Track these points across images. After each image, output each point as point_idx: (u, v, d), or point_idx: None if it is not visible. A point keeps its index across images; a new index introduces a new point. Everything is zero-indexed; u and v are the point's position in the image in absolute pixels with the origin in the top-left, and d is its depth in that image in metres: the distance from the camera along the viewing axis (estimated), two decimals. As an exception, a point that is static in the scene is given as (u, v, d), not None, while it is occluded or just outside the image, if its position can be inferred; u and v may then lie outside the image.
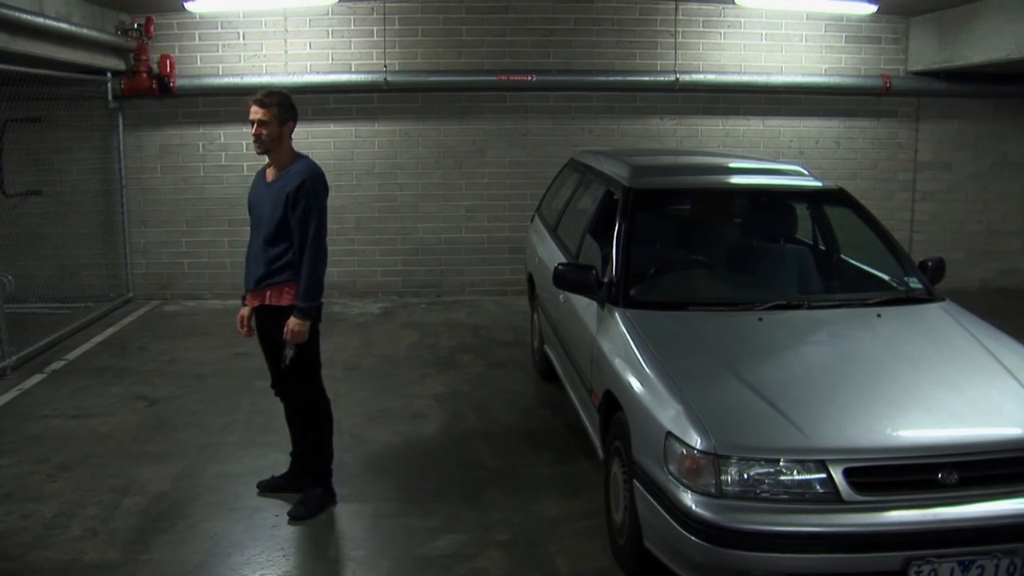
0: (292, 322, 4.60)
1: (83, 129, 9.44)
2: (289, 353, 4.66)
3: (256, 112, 4.60)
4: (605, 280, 4.87)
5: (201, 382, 7.12)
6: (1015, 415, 3.75)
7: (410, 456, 5.67)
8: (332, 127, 9.85)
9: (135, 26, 9.27)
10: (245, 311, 4.87)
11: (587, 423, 5.13)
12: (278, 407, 6.36)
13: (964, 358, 4.26)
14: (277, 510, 4.85)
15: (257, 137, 4.63)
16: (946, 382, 4.02)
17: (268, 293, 4.71)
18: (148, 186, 9.87)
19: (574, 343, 5.36)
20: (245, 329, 4.90)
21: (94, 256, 9.80)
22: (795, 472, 3.47)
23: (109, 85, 9.27)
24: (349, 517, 4.84)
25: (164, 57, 9.44)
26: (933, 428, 3.71)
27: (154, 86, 9.43)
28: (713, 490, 3.47)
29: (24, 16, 7.00)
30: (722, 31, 10.02)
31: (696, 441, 3.53)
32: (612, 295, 4.75)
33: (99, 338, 8.43)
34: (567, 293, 5.27)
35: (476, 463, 5.57)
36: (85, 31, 8.19)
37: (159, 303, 9.88)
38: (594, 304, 4.93)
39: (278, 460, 5.42)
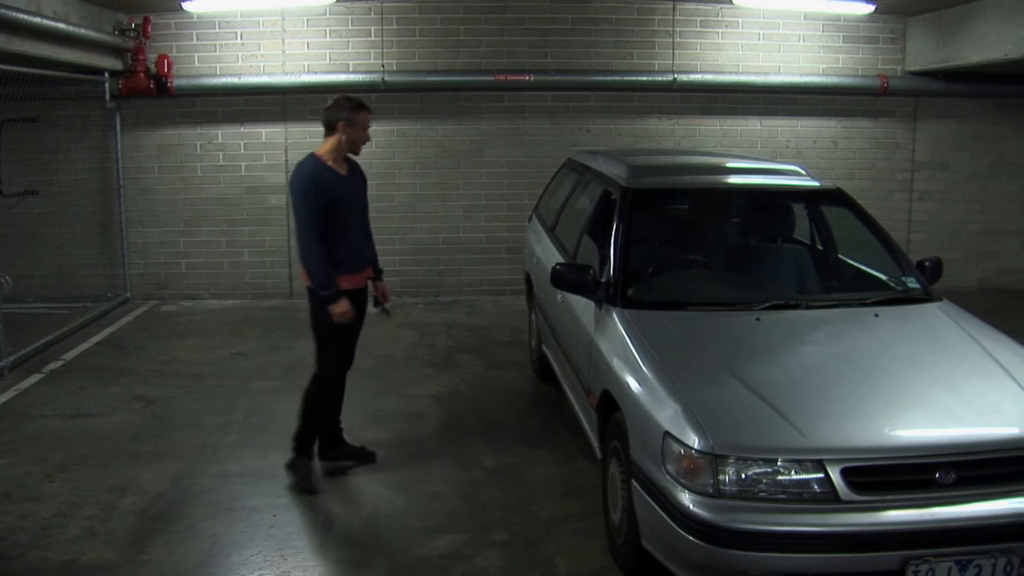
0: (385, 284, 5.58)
1: (80, 129, 9.43)
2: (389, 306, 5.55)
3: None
4: (603, 280, 4.87)
5: (199, 382, 7.11)
6: (1012, 415, 3.76)
7: (408, 456, 5.66)
8: (330, 127, 9.84)
9: (132, 26, 9.27)
10: (347, 302, 5.10)
11: (585, 423, 5.13)
12: (276, 407, 6.40)
13: (962, 358, 4.26)
14: (275, 510, 4.85)
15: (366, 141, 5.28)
16: (944, 382, 4.03)
17: (369, 270, 5.41)
18: (146, 186, 9.86)
19: (572, 343, 5.37)
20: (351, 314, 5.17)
21: (92, 256, 9.79)
22: (793, 472, 3.47)
23: (107, 85, 9.27)
24: (347, 516, 4.85)
25: (162, 57, 9.43)
26: (930, 428, 3.71)
27: (152, 86, 9.43)
28: (711, 490, 3.47)
29: (22, 16, 7.00)
30: (720, 31, 10.02)
31: (694, 441, 3.53)
32: (610, 295, 4.76)
33: (97, 338, 8.42)
34: (565, 293, 5.27)
35: (474, 463, 5.57)
36: (82, 31, 8.19)
37: (157, 303, 9.87)
38: (592, 304, 4.92)
39: (276, 461, 5.42)
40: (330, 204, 5.02)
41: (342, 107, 5.14)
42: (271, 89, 9.65)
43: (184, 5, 8.97)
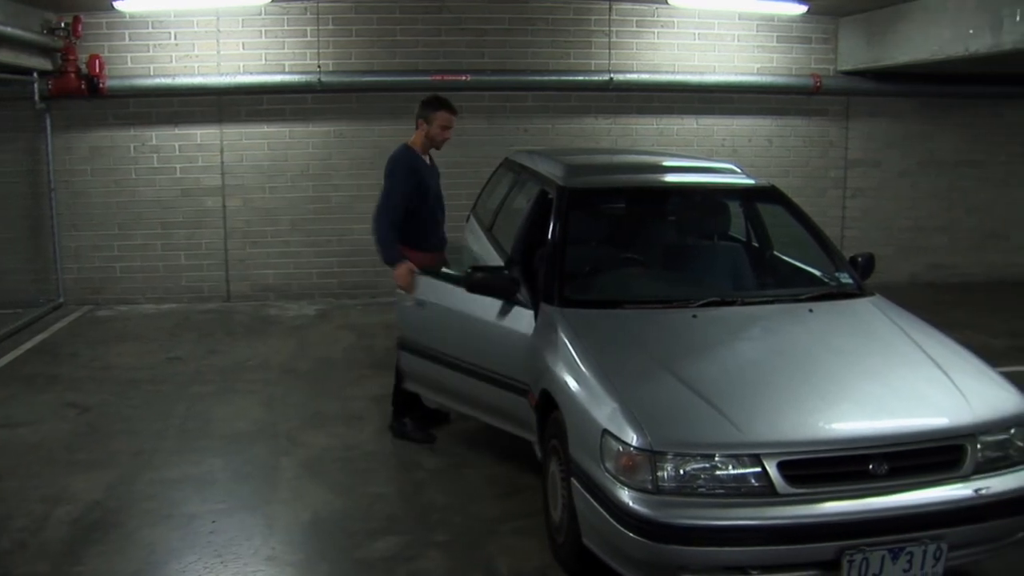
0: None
1: (9, 131, 9.23)
2: None
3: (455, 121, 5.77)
4: (540, 279, 4.87)
5: (134, 388, 6.99)
6: (941, 405, 3.85)
7: (348, 458, 5.63)
8: (265, 128, 9.76)
9: (62, 25, 9.08)
10: (410, 266, 5.58)
11: (510, 425, 5.13)
12: (214, 411, 6.34)
13: (893, 351, 4.34)
14: (214, 516, 4.79)
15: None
16: (875, 375, 4.10)
17: (437, 255, 5.91)
18: (78, 189, 9.67)
19: (479, 347, 5.30)
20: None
21: (22, 261, 9.59)
22: (730, 467, 3.51)
23: (36, 85, 9.05)
24: (287, 521, 4.79)
25: (93, 57, 9.25)
26: (863, 420, 3.78)
27: (83, 86, 9.24)
28: (650, 486, 3.49)
29: (-56, 15, 6.83)
30: (656, 31, 10.12)
31: (632, 438, 3.56)
32: (547, 294, 4.76)
33: (28, 345, 8.24)
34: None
35: (414, 464, 5.55)
36: (8, 29, 7.99)
37: (91, 308, 9.68)
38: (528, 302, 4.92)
39: (215, 466, 5.35)
40: (417, 185, 5.69)
41: (424, 105, 5.73)
42: (206, 90, 9.53)
43: (115, 4, 8.82)
